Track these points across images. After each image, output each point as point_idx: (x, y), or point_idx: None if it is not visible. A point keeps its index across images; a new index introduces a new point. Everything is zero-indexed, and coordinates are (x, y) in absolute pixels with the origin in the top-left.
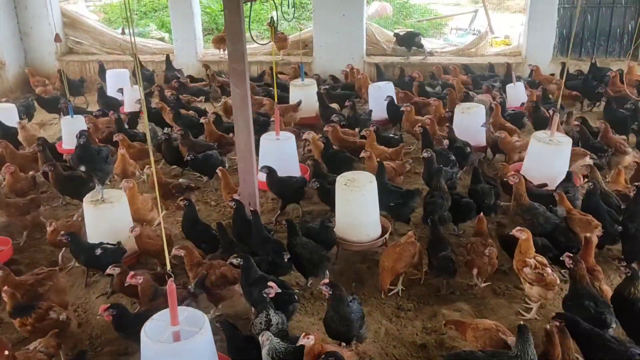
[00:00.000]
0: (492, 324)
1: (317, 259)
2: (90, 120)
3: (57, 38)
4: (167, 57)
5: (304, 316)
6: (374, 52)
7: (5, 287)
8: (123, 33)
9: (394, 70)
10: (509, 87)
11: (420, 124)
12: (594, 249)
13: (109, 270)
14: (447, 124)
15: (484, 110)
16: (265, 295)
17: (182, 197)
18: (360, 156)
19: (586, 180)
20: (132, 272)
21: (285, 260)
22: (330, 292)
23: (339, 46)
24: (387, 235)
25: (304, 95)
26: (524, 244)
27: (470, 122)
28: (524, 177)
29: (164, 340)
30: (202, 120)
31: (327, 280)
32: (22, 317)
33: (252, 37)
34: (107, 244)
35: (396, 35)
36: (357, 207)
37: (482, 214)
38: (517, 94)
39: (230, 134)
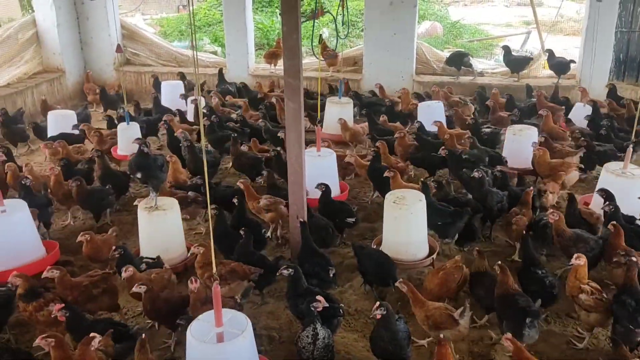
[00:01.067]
0: (443, 305)
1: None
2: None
3: (118, 49)
4: (220, 70)
5: (347, 332)
6: (423, 71)
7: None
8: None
9: (443, 87)
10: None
11: (443, 148)
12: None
13: (135, 289)
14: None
15: (536, 132)
16: (312, 308)
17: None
18: (385, 175)
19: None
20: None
21: (331, 275)
22: (384, 313)
23: (388, 64)
24: (434, 256)
25: (340, 112)
26: (581, 270)
27: (522, 144)
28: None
29: (208, 341)
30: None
31: (378, 303)
32: (25, 303)
33: (314, 53)
34: (147, 258)
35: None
36: (405, 226)
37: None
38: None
39: None
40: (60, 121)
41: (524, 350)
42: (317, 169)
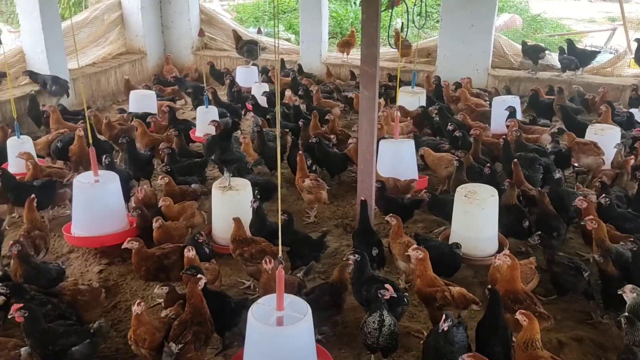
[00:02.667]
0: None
1: None
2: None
3: (201, 33)
4: (282, 60)
5: (411, 322)
6: (500, 64)
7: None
8: (259, 32)
9: (520, 85)
10: None
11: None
12: None
13: (157, 291)
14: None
15: (619, 132)
16: (380, 295)
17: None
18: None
19: None
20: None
21: (374, 254)
22: (450, 324)
23: (464, 57)
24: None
25: (411, 102)
26: None
27: (603, 145)
28: None
29: (269, 324)
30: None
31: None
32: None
33: (389, 43)
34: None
35: (523, 43)
36: (476, 221)
37: None
38: None
39: None
40: (141, 100)
41: None
42: (395, 156)
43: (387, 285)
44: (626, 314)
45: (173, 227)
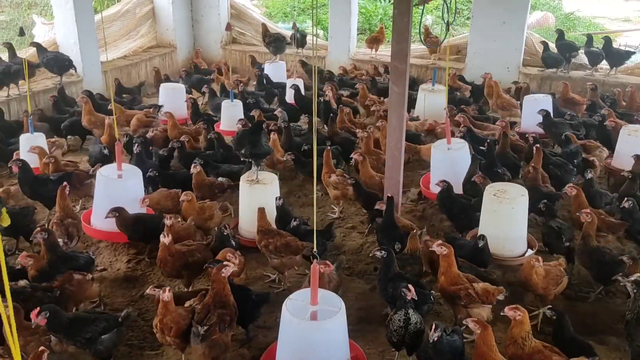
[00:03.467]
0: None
1: None
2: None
3: (228, 27)
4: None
5: (437, 320)
6: (531, 63)
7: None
8: (294, 28)
9: (551, 83)
10: None
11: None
12: None
13: (148, 291)
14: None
15: None
16: (403, 294)
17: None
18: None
19: None
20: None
21: (396, 249)
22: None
23: (494, 54)
24: (533, 253)
25: (432, 101)
26: None
27: (636, 146)
28: None
29: (304, 318)
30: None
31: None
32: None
33: (422, 40)
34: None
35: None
36: (505, 220)
37: None
38: None
39: None
40: (171, 94)
41: None
42: (448, 163)
43: (409, 286)
44: (635, 277)
45: (182, 229)
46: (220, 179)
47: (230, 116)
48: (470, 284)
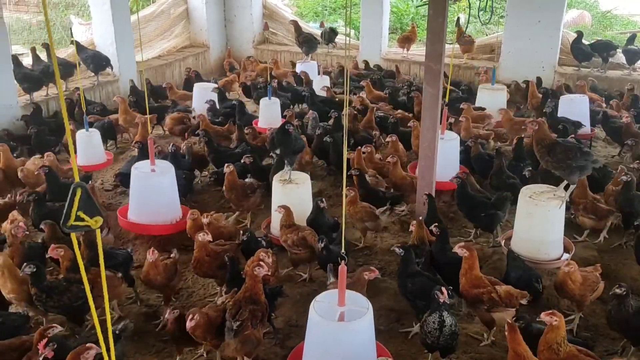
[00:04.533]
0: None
1: None
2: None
3: (265, 26)
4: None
5: (470, 324)
6: (567, 62)
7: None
8: (322, 26)
9: (589, 83)
10: None
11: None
12: None
13: (167, 316)
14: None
15: None
16: (436, 296)
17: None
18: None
19: None
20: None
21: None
22: None
23: (529, 53)
24: (569, 257)
25: (492, 99)
26: None
27: None
28: None
29: (332, 319)
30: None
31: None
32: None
33: (451, 39)
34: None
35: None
36: (540, 223)
37: None
38: None
39: None
40: (203, 93)
41: None
42: (439, 153)
43: (442, 289)
44: None
45: (224, 227)
46: (247, 180)
47: (269, 114)
48: (493, 287)
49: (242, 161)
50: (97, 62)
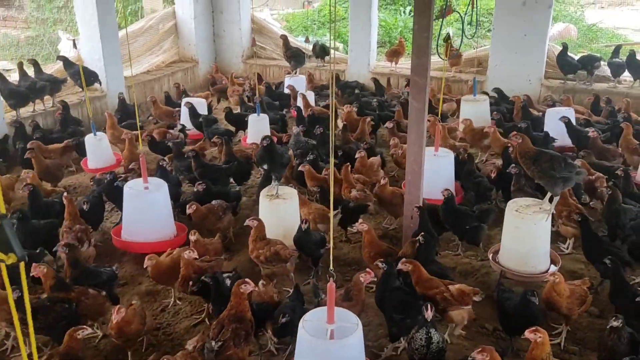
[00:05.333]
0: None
1: None
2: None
3: (253, 42)
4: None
5: (461, 340)
6: (553, 75)
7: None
8: (307, 41)
9: (574, 96)
10: None
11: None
12: None
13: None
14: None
15: None
16: (422, 313)
17: None
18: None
19: None
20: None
21: None
22: None
23: (516, 66)
24: (556, 269)
25: (475, 110)
26: None
27: None
28: None
29: (321, 337)
30: None
31: None
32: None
33: (438, 53)
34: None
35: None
36: (527, 237)
37: None
38: None
39: None
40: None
41: None
42: (434, 169)
43: (428, 305)
44: None
45: (210, 243)
46: (214, 202)
47: (257, 130)
48: (446, 287)
49: (195, 189)
50: (85, 77)
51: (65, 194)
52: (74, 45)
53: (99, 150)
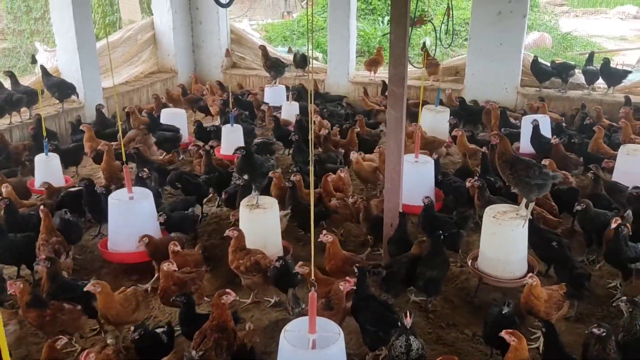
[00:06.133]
0: None
1: None
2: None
3: (227, 53)
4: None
5: (438, 345)
6: (529, 83)
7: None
8: (290, 51)
9: (549, 103)
10: None
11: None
12: None
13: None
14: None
15: None
16: (400, 321)
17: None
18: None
19: None
20: None
21: None
22: None
23: (492, 75)
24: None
25: (435, 120)
26: None
27: (636, 165)
28: None
29: (303, 347)
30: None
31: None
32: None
33: (410, 62)
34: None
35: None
36: (504, 243)
37: None
38: None
39: None
40: (171, 118)
41: None
42: (415, 176)
43: (408, 312)
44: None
45: (189, 254)
46: (171, 234)
47: (231, 141)
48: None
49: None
50: (62, 90)
51: (41, 207)
52: (33, 61)
53: (48, 171)
